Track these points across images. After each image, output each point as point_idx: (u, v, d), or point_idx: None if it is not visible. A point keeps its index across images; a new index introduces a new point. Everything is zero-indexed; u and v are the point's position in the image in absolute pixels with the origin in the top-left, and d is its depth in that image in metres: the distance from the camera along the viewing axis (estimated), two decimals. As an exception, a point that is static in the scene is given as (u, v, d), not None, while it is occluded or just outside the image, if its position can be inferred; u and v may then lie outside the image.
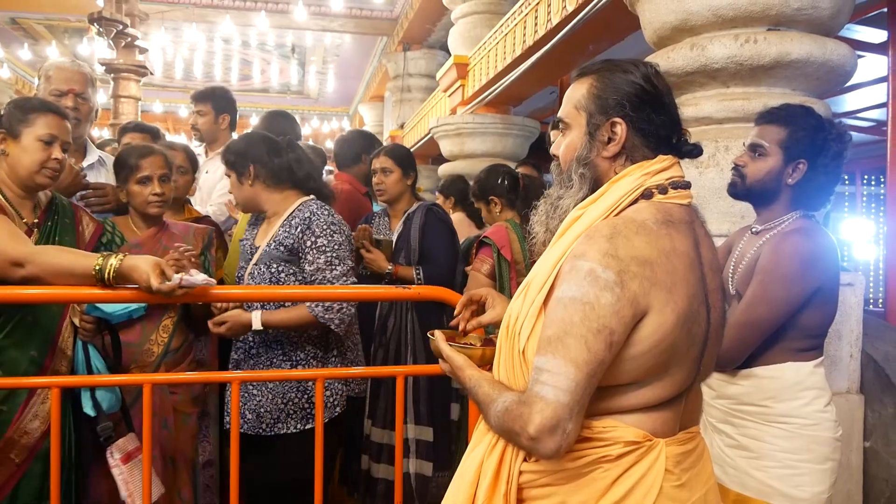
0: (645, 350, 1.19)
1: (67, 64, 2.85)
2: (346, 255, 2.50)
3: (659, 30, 2.91)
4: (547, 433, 1.13)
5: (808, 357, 1.96)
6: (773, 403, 1.93)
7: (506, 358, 1.30)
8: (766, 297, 1.90)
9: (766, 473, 1.91)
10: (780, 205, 2.03)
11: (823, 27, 2.73)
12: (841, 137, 1.98)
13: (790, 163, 1.98)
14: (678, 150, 1.33)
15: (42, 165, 2.10)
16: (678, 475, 1.24)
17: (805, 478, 1.90)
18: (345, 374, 2.55)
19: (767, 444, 1.92)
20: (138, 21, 6.78)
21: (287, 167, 2.56)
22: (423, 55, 11.06)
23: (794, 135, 1.97)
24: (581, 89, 1.34)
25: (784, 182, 2.00)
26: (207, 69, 13.97)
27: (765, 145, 2.01)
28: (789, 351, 1.94)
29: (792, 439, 1.91)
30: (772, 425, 1.92)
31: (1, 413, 2.04)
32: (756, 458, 1.93)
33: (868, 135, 7.42)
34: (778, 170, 1.99)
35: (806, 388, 1.93)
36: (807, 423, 1.91)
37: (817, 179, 1.98)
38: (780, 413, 1.92)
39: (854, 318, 2.70)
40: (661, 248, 1.20)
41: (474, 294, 1.59)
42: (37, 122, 2.11)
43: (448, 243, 3.28)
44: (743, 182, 2.05)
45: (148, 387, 1.97)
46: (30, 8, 10.66)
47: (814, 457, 1.90)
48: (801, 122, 1.98)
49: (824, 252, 1.94)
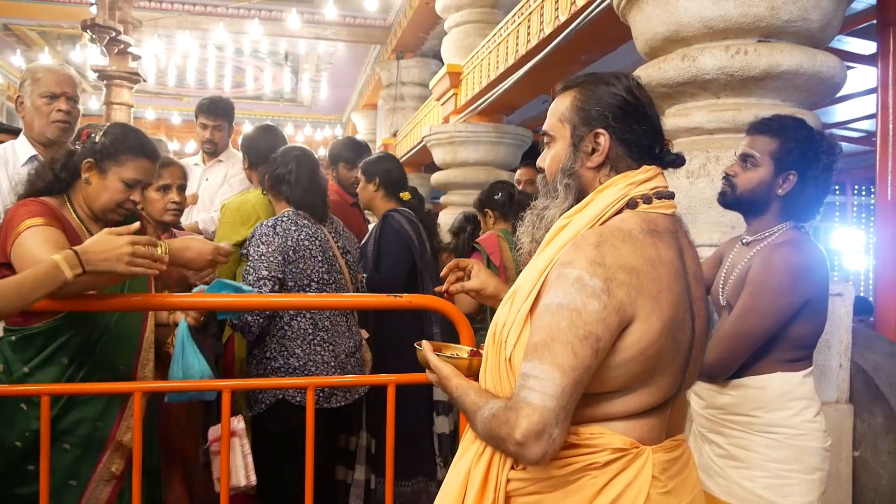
0: (631, 357, 1.20)
1: (56, 66, 2.77)
2: (264, 265, 2.57)
3: (650, 40, 2.93)
4: (533, 438, 1.13)
5: (797, 367, 1.96)
6: (762, 413, 1.93)
7: (492, 366, 1.30)
8: (757, 309, 1.91)
9: (754, 483, 1.91)
10: (770, 215, 2.03)
11: (813, 39, 2.76)
12: (832, 150, 1.99)
13: (781, 174, 1.99)
14: (661, 161, 1.35)
15: (118, 206, 2.08)
16: (665, 482, 1.25)
17: (794, 488, 1.90)
18: (337, 383, 2.55)
19: (756, 454, 1.92)
20: (131, 28, 6.77)
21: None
22: (416, 64, 11.08)
23: (786, 146, 1.98)
24: (565, 102, 1.36)
25: (774, 193, 2.01)
26: (200, 76, 13.96)
27: (756, 156, 2.02)
28: (778, 362, 1.95)
29: (781, 449, 1.91)
30: (761, 435, 1.93)
31: (97, 429, 2.04)
32: (745, 467, 1.93)
33: (858, 145, 7.48)
34: (768, 180, 2.00)
35: (795, 399, 1.94)
36: (796, 434, 1.91)
37: (807, 191, 1.99)
38: (768, 423, 1.92)
39: (843, 328, 2.71)
40: (647, 256, 1.21)
41: (462, 261, 1.71)
42: (126, 165, 2.05)
43: (395, 250, 3.27)
44: (733, 191, 2.06)
45: (138, 395, 1.97)
46: (23, 14, 10.63)
47: (803, 467, 1.91)
48: (793, 133, 2.00)
49: (814, 264, 1.95)
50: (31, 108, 2.54)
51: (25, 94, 2.61)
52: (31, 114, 2.53)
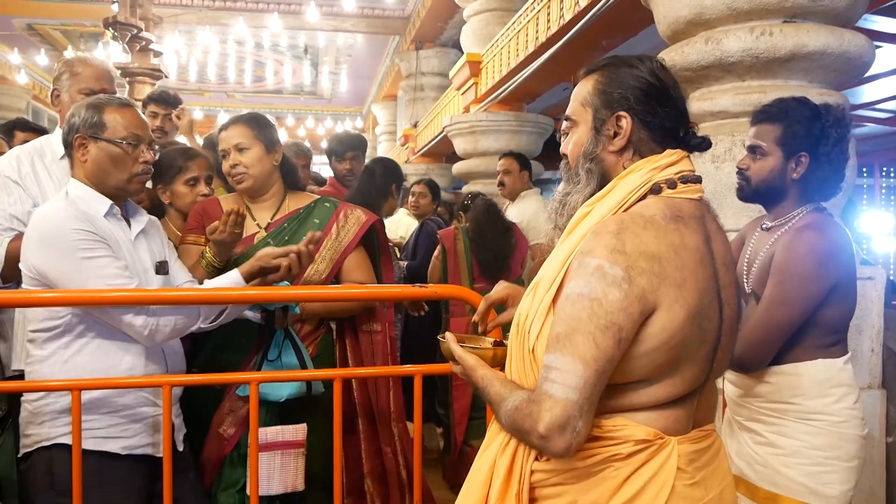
0: (654, 347, 1.18)
1: (94, 60, 2.55)
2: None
3: (673, 24, 2.89)
4: (557, 431, 1.12)
5: (835, 353, 1.94)
6: (803, 400, 1.91)
7: (517, 358, 1.29)
8: (784, 298, 1.88)
9: (795, 471, 1.89)
10: (789, 201, 2.00)
11: (840, 18, 2.70)
12: (839, 122, 1.95)
13: (791, 158, 1.96)
14: (686, 144, 1.32)
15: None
16: (692, 473, 1.23)
17: (834, 475, 1.88)
18: (363, 374, 2.55)
19: (797, 442, 1.90)
20: (152, 25, 6.82)
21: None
22: (435, 54, 11.06)
23: (790, 129, 1.95)
24: (587, 86, 1.35)
25: (789, 178, 1.97)
26: (221, 71, 14.06)
27: (762, 145, 1.98)
28: (815, 348, 1.92)
29: (820, 436, 1.89)
30: (801, 422, 1.91)
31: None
32: (785, 455, 1.91)
33: (886, 126, 7.35)
34: (780, 167, 1.97)
35: (836, 385, 1.91)
36: (837, 421, 1.89)
37: (822, 169, 1.95)
38: (810, 410, 1.90)
39: (875, 312, 2.67)
40: (670, 243, 1.19)
41: (494, 299, 1.61)
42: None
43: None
44: (748, 185, 2.03)
45: (167, 389, 1.98)
46: (46, 14, 10.78)
47: (842, 454, 1.89)
48: (796, 115, 1.95)
49: (839, 247, 1.91)
50: (68, 104, 2.43)
51: (63, 88, 2.47)
52: (67, 108, 2.43)
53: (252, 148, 2.36)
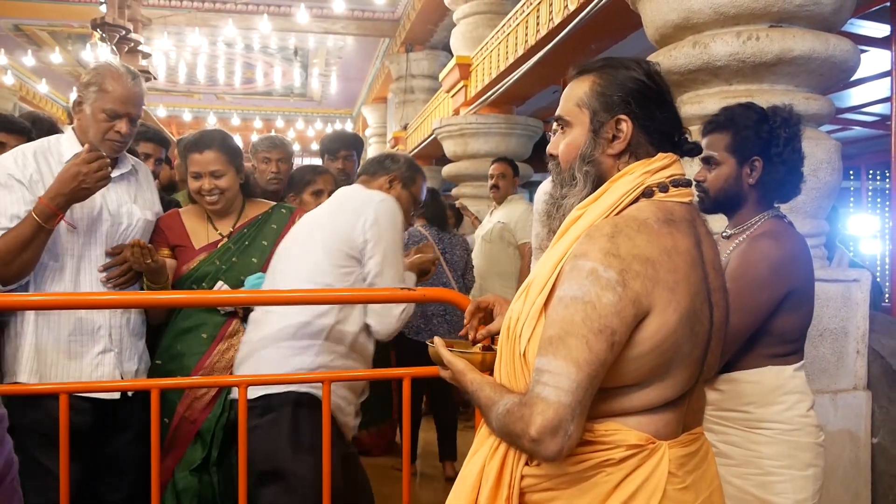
0: (647, 350, 1.17)
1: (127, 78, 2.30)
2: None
3: (661, 28, 2.91)
4: (549, 434, 1.12)
5: (787, 361, 1.91)
6: (753, 409, 1.87)
7: (507, 361, 1.28)
8: (736, 306, 1.86)
9: (745, 481, 1.86)
10: (748, 207, 1.99)
11: (826, 23, 2.72)
12: (787, 122, 1.93)
13: (745, 163, 1.95)
14: (679, 148, 1.32)
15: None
16: (682, 477, 1.23)
17: (787, 485, 1.84)
18: (351, 377, 2.54)
19: (747, 451, 1.87)
20: (141, 26, 6.81)
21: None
22: (425, 56, 11.06)
23: (739, 135, 1.94)
24: (583, 87, 1.33)
25: (745, 184, 1.96)
26: (210, 73, 14.01)
27: (714, 155, 1.97)
28: (766, 357, 1.90)
29: (772, 445, 1.85)
30: (752, 431, 1.87)
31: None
32: (736, 465, 1.87)
33: (872, 129, 7.41)
34: (735, 174, 1.96)
35: (787, 393, 1.88)
36: (788, 429, 1.86)
37: (777, 171, 1.94)
38: (760, 418, 1.87)
39: (860, 314, 2.68)
40: (663, 246, 1.19)
41: (482, 301, 1.59)
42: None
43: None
44: (707, 196, 2.01)
45: (156, 392, 1.97)
46: (33, 14, 10.71)
47: (795, 462, 1.85)
48: (743, 120, 1.94)
49: (793, 255, 1.89)
50: (89, 117, 2.29)
51: (87, 101, 2.28)
52: (87, 121, 2.26)
53: (227, 174, 2.52)
